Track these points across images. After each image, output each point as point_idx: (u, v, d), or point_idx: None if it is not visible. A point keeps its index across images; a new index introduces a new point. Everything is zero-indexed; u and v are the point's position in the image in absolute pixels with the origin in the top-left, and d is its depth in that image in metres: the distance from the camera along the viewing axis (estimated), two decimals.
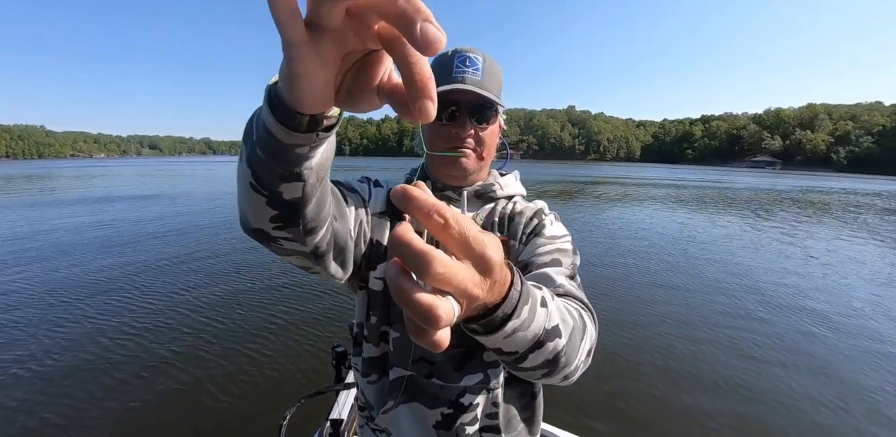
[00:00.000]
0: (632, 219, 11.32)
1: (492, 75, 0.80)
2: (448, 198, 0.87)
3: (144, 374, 3.22)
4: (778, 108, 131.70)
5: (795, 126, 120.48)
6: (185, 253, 6.90)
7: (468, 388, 0.80)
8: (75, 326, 4.02)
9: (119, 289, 5.10)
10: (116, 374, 3.21)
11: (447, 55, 0.80)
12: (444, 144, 0.81)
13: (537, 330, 0.43)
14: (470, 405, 0.81)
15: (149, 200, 14.38)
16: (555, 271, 0.70)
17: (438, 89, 0.70)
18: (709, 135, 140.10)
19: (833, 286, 5.62)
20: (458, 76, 0.77)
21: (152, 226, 9.24)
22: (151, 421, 2.70)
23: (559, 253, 0.75)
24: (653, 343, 3.79)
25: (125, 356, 3.48)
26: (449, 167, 0.84)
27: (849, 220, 12.53)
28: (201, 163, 71.59)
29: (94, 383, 3.10)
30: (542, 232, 0.80)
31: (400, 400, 0.82)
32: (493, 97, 0.78)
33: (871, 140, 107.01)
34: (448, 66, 0.78)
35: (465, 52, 0.79)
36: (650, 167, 78.06)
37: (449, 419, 0.80)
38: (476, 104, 0.78)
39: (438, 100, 0.82)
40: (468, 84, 0.76)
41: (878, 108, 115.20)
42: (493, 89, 0.80)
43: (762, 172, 79.81)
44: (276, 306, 4.58)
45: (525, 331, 0.41)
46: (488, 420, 0.83)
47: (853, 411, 2.86)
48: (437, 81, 0.75)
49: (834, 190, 27.73)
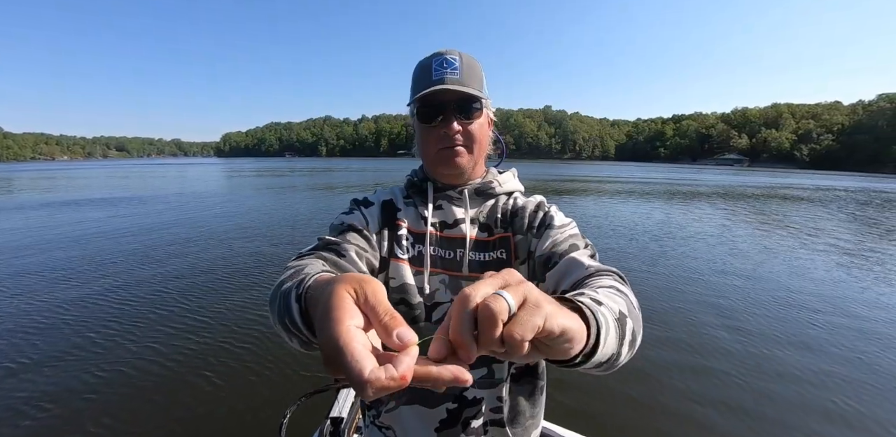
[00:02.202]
0: (610, 215, 11.49)
1: (471, 71, 0.81)
2: (449, 197, 0.89)
3: (143, 374, 3.21)
4: (745, 107, 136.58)
5: (761, 125, 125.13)
6: (183, 254, 6.81)
7: (472, 382, 0.84)
8: (73, 328, 3.98)
9: (118, 288, 5.04)
10: (116, 374, 3.20)
11: (427, 59, 0.82)
12: (436, 146, 0.83)
13: (609, 351, 0.46)
14: (474, 399, 0.83)
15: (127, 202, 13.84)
16: (579, 254, 0.73)
17: (421, 93, 0.79)
18: (680, 134, 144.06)
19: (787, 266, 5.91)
20: (437, 78, 0.79)
21: (149, 225, 8.84)
22: (151, 421, 2.69)
23: (573, 238, 0.79)
24: (654, 341, 3.81)
25: (124, 356, 3.47)
26: (443, 166, 0.85)
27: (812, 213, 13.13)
28: (173, 165, 69.43)
29: (93, 382, 3.09)
30: (552, 223, 0.83)
31: (402, 401, 0.84)
32: (475, 91, 0.80)
33: (831, 138, 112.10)
34: (428, 69, 0.80)
35: (442, 55, 0.80)
36: (626, 166, 79.34)
37: (453, 414, 0.82)
38: (459, 101, 0.80)
39: (423, 103, 0.80)
40: (448, 84, 0.78)
41: (838, 107, 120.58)
42: (474, 84, 0.81)
43: (731, 169, 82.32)
44: None
45: (608, 346, 0.45)
46: (493, 414, 0.84)
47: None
48: (419, 85, 0.81)
49: (803, 186, 28.81)
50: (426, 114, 0.81)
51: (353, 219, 0.84)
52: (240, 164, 71.63)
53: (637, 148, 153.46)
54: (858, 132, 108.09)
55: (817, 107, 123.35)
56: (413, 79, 0.84)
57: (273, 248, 7.46)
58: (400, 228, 0.86)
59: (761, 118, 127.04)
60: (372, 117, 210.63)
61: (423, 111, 0.81)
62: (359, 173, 37.67)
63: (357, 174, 35.99)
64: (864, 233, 10.13)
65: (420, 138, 0.86)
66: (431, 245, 0.85)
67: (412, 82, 0.85)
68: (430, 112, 0.81)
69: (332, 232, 0.82)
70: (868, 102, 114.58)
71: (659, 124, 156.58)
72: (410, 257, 0.84)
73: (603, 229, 9.80)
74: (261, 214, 11.70)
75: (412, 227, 0.87)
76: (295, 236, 8.61)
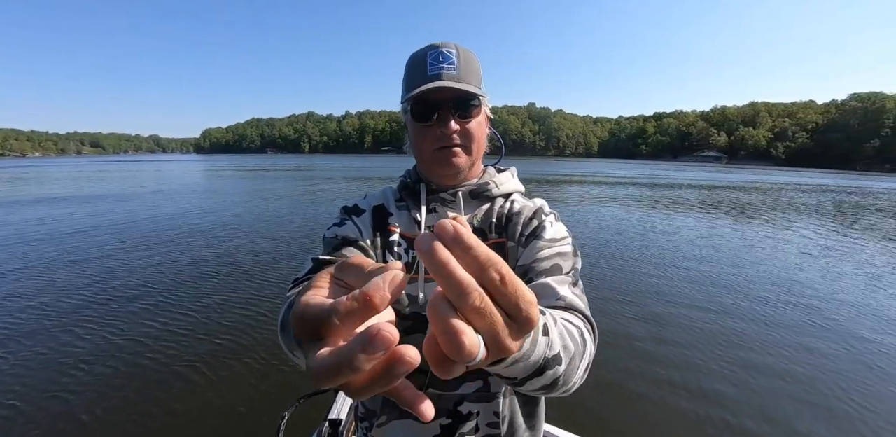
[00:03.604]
0: (596, 215, 11.45)
1: (468, 66, 0.77)
2: (443, 199, 0.85)
3: (142, 374, 3.19)
4: (723, 105, 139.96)
5: (739, 123, 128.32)
6: (179, 255, 6.65)
7: (465, 396, 0.79)
8: (70, 328, 3.95)
9: (114, 289, 5.00)
10: (114, 374, 3.19)
11: (421, 53, 0.77)
12: (432, 146, 0.79)
13: (538, 359, 0.42)
14: (469, 413, 0.79)
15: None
16: (556, 280, 0.67)
17: (416, 91, 0.73)
18: (661, 131, 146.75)
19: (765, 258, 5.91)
20: (433, 73, 0.74)
21: (144, 225, 8.49)
22: (149, 420, 2.68)
23: (559, 258, 0.72)
24: (653, 341, 3.79)
25: (123, 356, 3.44)
26: (440, 166, 0.81)
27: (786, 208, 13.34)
28: (149, 162, 67.72)
29: (92, 381, 3.08)
30: (542, 234, 0.76)
31: (393, 416, 0.81)
32: (473, 89, 0.75)
33: (805, 136, 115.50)
34: (422, 63, 0.76)
35: (437, 48, 0.76)
36: (609, 163, 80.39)
37: (449, 429, 0.79)
38: (456, 99, 0.76)
39: (417, 100, 0.75)
40: (444, 80, 0.73)
41: (812, 106, 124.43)
42: (472, 81, 0.77)
43: (711, 166, 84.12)
44: (273, 306, 4.52)
45: (525, 361, 0.40)
46: (490, 429, 0.80)
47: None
48: (413, 81, 0.75)
49: (778, 184, 29.45)
50: (421, 112, 0.76)
51: (346, 231, 0.81)
52: (218, 161, 70.18)
53: (619, 145, 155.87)
54: (832, 131, 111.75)
55: (793, 106, 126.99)
56: (406, 73, 0.80)
57: (271, 245, 7.18)
58: (392, 233, 0.83)
59: (739, 116, 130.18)
60: (356, 113, 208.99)
61: (418, 109, 0.76)
62: (342, 170, 37.22)
63: (341, 171, 35.51)
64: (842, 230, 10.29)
65: (414, 138, 0.81)
66: None
67: (405, 76, 0.80)
68: (425, 110, 0.76)
69: (326, 248, 0.79)
70: (841, 102, 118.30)
71: (641, 122, 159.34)
72: (403, 264, 0.77)
73: (588, 224, 9.76)
74: (255, 212, 11.34)
75: (405, 231, 0.83)
76: (277, 231, 8.31)
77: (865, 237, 9.38)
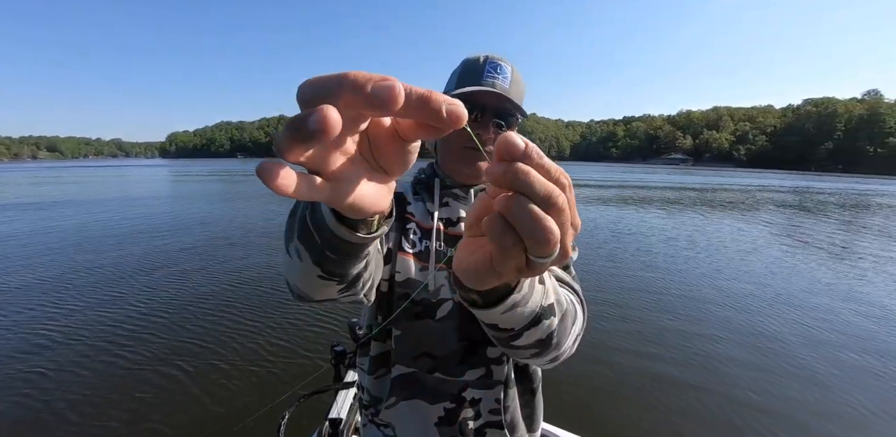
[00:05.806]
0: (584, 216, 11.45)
1: (517, 87, 0.82)
2: (455, 195, 0.89)
3: (140, 374, 3.19)
4: (689, 110, 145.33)
5: (703, 126, 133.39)
6: (177, 255, 6.64)
7: (470, 382, 0.81)
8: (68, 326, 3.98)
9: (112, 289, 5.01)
10: (113, 374, 3.19)
11: (478, 61, 0.81)
12: (462, 143, 0.82)
13: (535, 307, 0.43)
14: (472, 400, 0.82)
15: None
16: None
17: (467, 89, 0.76)
18: (630, 135, 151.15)
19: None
20: (487, 81, 0.78)
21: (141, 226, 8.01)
22: (149, 420, 2.68)
23: None
24: (652, 341, 3.81)
25: (122, 356, 3.45)
26: (465, 165, 0.84)
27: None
28: (113, 167, 64.87)
29: (91, 381, 3.09)
30: None
31: (402, 397, 0.83)
32: (519, 104, 0.80)
33: (765, 139, 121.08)
34: (478, 71, 0.80)
35: (496, 60, 0.80)
36: (583, 166, 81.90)
37: (452, 413, 0.81)
38: (501, 108, 0.80)
39: (465, 100, 0.74)
40: (497, 89, 0.78)
41: (771, 110, 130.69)
42: (518, 99, 0.81)
43: (678, 168, 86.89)
44: (273, 306, 4.51)
45: (523, 307, 0.41)
46: (491, 416, 0.83)
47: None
48: (465, 82, 0.79)
49: (739, 186, 30.61)
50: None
51: None
52: (189, 166, 67.85)
53: (590, 148, 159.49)
54: (789, 134, 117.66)
55: (753, 110, 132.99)
56: (457, 74, 0.84)
57: (272, 245, 6.91)
58: (409, 221, 0.86)
59: (703, 120, 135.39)
60: None
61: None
62: None
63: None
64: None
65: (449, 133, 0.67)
66: (438, 241, 0.84)
67: (456, 76, 0.83)
68: (467, 109, 0.71)
69: None
70: (796, 106, 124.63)
71: (611, 126, 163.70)
72: (417, 252, 0.84)
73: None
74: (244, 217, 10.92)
75: (421, 222, 0.87)
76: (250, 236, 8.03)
77: (862, 237, 9.58)
